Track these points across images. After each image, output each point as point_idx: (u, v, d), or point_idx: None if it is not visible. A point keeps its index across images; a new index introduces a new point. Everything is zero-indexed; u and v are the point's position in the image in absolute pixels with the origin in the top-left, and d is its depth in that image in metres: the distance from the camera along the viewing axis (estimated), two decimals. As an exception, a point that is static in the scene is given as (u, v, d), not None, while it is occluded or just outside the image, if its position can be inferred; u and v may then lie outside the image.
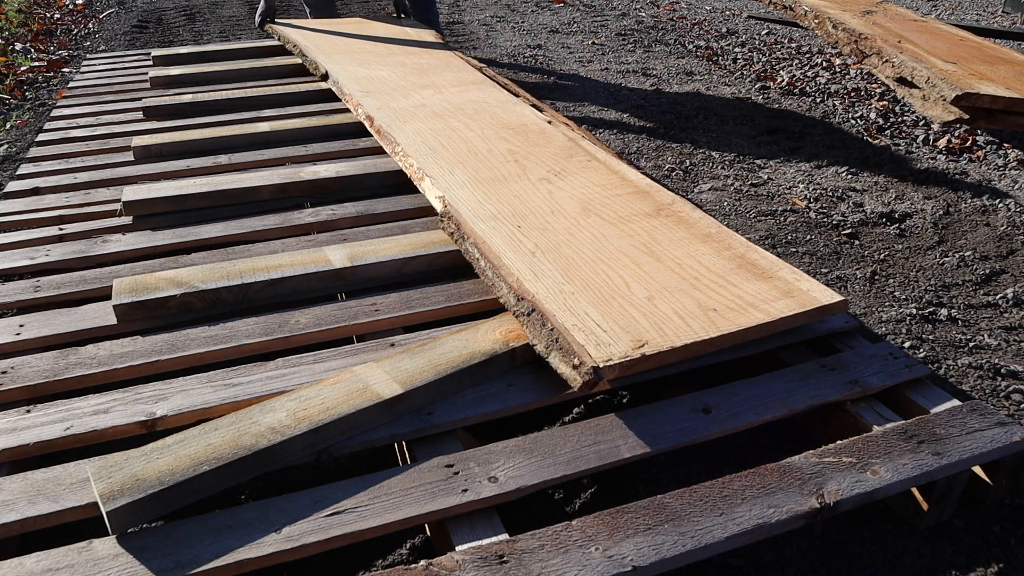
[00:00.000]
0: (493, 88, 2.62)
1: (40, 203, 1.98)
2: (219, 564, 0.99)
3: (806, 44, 4.37)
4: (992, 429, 1.23)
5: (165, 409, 1.23)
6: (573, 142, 2.12)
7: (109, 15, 5.15)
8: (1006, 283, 2.00)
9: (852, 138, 2.99)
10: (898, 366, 1.40)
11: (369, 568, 1.20)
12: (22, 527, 1.05)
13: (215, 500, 1.29)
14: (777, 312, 1.34)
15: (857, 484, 1.13)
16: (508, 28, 4.76)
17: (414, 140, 2.11)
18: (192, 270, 1.54)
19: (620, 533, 1.04)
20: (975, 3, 5.33)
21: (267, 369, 1.33)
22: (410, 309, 1.50)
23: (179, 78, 2.95)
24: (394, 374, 1.25)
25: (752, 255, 1.53)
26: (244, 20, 5.00)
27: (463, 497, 1.09)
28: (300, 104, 2.72)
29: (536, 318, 1.33)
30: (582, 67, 3.93)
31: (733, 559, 1.21)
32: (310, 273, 1.56)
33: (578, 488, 1.34)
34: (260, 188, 1.97)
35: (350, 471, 1.36)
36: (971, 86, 2.38)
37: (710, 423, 1.25)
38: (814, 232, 2.25)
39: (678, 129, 3.08)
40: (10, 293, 1.57)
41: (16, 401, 1.29)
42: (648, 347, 1.23)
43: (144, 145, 2.24)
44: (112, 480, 1.04)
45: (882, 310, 1.87)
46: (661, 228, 1.64)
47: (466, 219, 1.67)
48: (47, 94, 3.52)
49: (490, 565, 0.99)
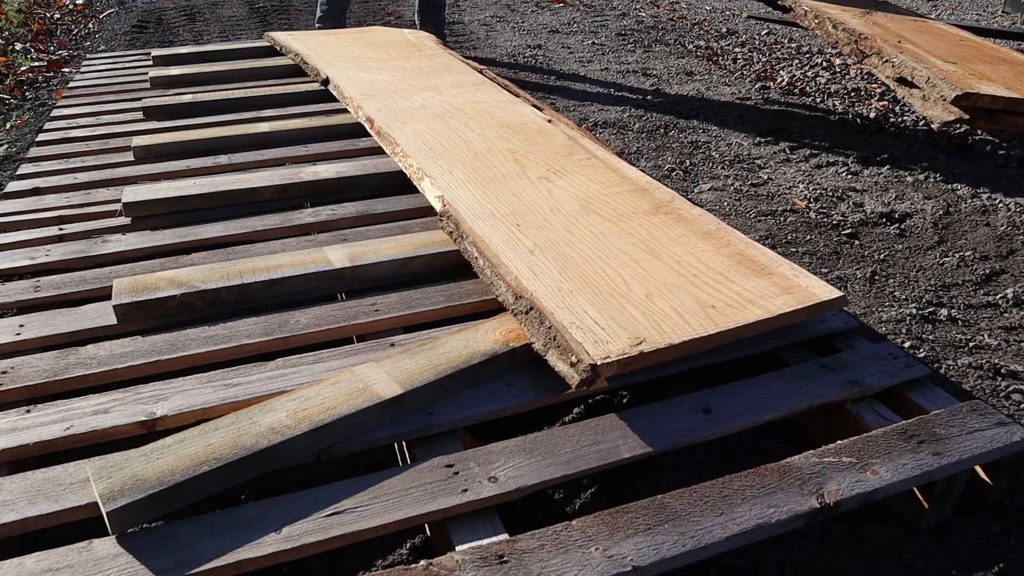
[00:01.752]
0: (493, 89, 2.62)
1: (40, 203, 1.98)
2: (219, 564, 0.99)
3: (806, 44, 4.37)
4: (992, 429, 1.23)
5: (165, 409, 1.23)
6: (573, 140, 2.12)
7: (109, 15, 5.15)
8: (1006, 283, 2.00)
9: (852, 138, 2.99)
10: (898, 366, 1.40)
11: (369, 568, 1.20)
12: (22, 527, 1.05)
13: (215, 500, 1.29)
14: (776, 308, 1.34)
15: (857, 484, 1.13)
16: (508, 28, 4.76)
17: (414, 140, 2.11)
18: (192, 270, 1.54)
19: (620, 533, 1.04)
20: (975, 3, 5.33)
21: (267, 369, 1.33)
22: (410, 309, 1.50)
23: (179, 78, 2.95)
24: (394, 374, 1.25)
25: (751, 251, 1.53)
26: (244, 20, 5.00)
27: (463, 497, 1.09)
28: (300, 104, 2.72)
29: (534, 316, 1.33)
30: (582, 67, 3.93)
31: (733, 559, 1.21)
32: (310, 273, 1.56)
33: (578, 488, 1.34)
34: (260, 188, 1.97)
35: (350, 471, 1.36)
36: (971, 86, 2.38)
37: (710, 423, 1.25)
38: (814, 232, 2.25)
39: (678, 129, 3.08)
40: (10, 293, 1.57)
41: (16, 401, 1.29)
42: (646, 344, 1.23)
43: (144, 145, 2.24)
44: (112, 480, 1.04)
45: (882, 310, 1.87)
46: (660, 225, 1.64)
47: (465, 218, 1.67)
48: (47, 94, 3.52)
49: (490, 565, 0.99)
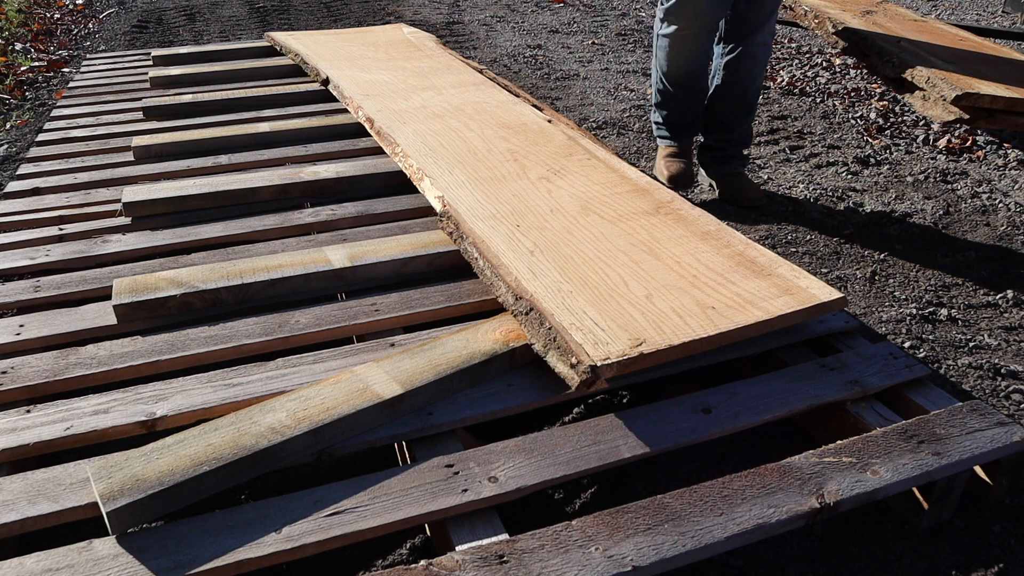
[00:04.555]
0: (493, 89, 2.62)
1: (40, 203, 1.98)
2: (219, 564, 0.99)
3: (806, 44, 4.37)
4: (992, 429, 1.23)
5: (165, 409, 1.23)
6: (573, 141, 2.12)
7: (109, 15, 5.15)
8: (1006, 283, 2.00)
9: (852, 138, 2.99)
10: (898, 366, 1.40)
11: (369, 568, 1.20)
12: (22, 527, 1.05)
13: (215, 500, 1.29)
14: (776, 310, 1.34)
15: (857, 484, 1.13)
16: (508, 28, 4.76)
17: (414, 140, 2.11)
18: (192, 270, 1.54)
19: (620, 533, 1.04)
20: (975, 3, 5.33)
21: (267, 369, 1.33)
22: (410, 309, 1.50)
23: (179, 78, 2.95)
24: (394, 374, 1.25)
25: (751, 252, 1.53)
26: (244, 20, 5.00)
27: (463, 497, 1.09)
28: (300, 104, 2.72)
29: (534, 317, 1.33)
30: (582, 67, 3.93)
31: (733, 559, 1.21)
32: (310, 273, 1.56)
33: (578, 488, 1.34)
34: (260, 188, 1.97)
35: (350, 471, 1.36)
36: (971, 86, 2.38)
37: (710, 423, 1.25)
38: (814, 232, 2.25)
39: (678, 129, 3.08)
40: (10, 293, 1.58)
41: (16, 401, 1.29)
42: (646, 345, 1.23)
43: (144, 145, 2.24)
44: (112, 480, 1.04)
45: (882, 310, 1.87)
46: (660, 226, 1.64)
47: (465, 219, 1.67)
48: (47, 94, 3.52)
49: (490, 565, 0.99)
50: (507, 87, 2.70)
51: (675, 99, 2.44)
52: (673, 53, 2.33)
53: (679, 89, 2.40)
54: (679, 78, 2.38)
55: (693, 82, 2.39)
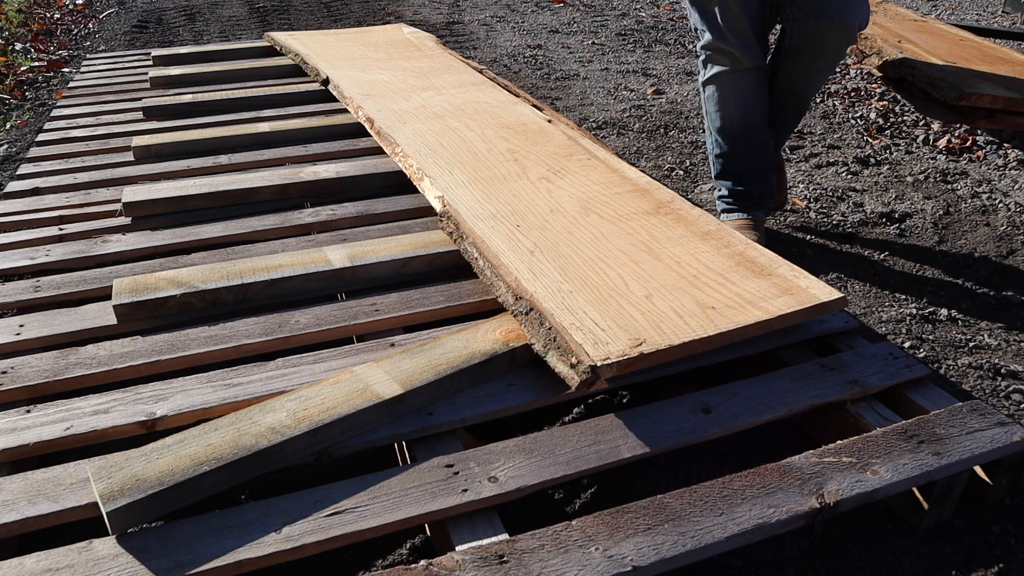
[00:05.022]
0: (493, 89, 2.62)
1: (40, 203, 1.98)
2: (219, 564, 0.99)
3: (806, 44, 4.36)
4: (992, 429, 1.23)
5: (165, 409, 1.23)
6: (573, 141, 2.12)
7: (109, 15, 5.15)
8: (1006, 283, 2.00)
9: (852, 138, 2.99)
10: (898, 366, 1.40)
11: (369, 568, 1.20)
12: (22, 527, 1.05)
13: (215, 500, 1.29)
14: (776, 310, 1.34)
15: (857, 484, 1.13)
16: (508, 28, 4.76)
17: (413, 140, 2.11)
18: (192, 270, 1.54)
19: (620, 533, 1.04)
20: (975, 3, 5.33)
21: (267, 369, 1.33)
22: (410, 309, 1.50)
23: (179, 78, 2.95)
24: (394, 374, 1.25)
25: (751, 252, 1.53)
26: (244, 20, 5.00)
27: (463, 497, 1.09)
28: (300, 104, 2.72)
29: (534, 317, 1.33)
30: (582, 67, 3.93)
31: (733, 559, 1.21)
32: (310, 273, 1.56)
33: (578, 488, 1.34)
34: (260, 188, 1.97)
35: (350, 471, 1.36)
36: (971, 86, 2.38)
37: (710, 423, 1.25)
38: (814, 232, 2.25)
39: (678, 129, 3.08)
40: (10, 293, 1.58)
41: (16, 401, 1.29)
42: (646, 346, 1.23)
43: (144, 145, 2.24)
44: (112, 480, 1.04)
45: (882, 310, 1.87)
46: (660, 226, 1.64)
47: (465, 219, 1.67)
48: (47, 94, 3.52)
49: (490, 565, 0.99)
50: (507, 87, 2.70)
51: (738, 159, 2.03)
52: (723, 98, 1.97)
53: (740, 145, 2.02)
54: (736, 130, 2.00)
55: (755, 133, 1.99)
